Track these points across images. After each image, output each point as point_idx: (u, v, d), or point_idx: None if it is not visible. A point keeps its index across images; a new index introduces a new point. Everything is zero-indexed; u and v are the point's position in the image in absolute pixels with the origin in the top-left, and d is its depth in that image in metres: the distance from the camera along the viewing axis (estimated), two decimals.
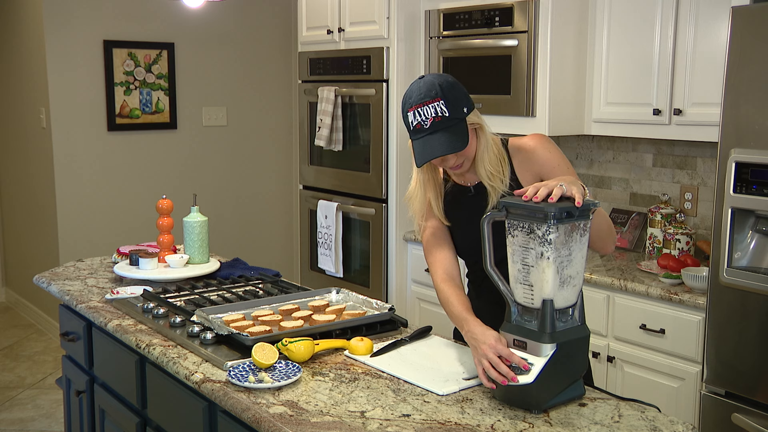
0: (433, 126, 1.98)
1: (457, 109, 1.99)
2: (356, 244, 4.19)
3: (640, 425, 1.67)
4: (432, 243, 2.22)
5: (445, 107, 1.98)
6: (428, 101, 1.98)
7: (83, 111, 4.95)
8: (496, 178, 2.07)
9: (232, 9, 5.35)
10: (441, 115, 1.97)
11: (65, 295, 2.71)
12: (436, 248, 2.21)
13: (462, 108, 2.00)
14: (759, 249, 2.54)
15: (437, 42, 3.81)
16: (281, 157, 5.76)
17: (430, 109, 1.98)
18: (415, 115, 2.00)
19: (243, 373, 1.89)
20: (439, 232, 2.22)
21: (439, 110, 1.97)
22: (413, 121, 2.01)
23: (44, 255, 5.30)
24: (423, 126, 1.99)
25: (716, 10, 2.92)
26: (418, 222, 2.24)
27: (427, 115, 1.99)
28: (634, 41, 3.21)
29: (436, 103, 1.98)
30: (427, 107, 1.98)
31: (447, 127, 1.98)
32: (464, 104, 2.01)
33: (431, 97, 1.98)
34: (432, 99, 1.98)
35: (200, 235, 2.91)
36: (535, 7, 3.34)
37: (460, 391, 1.84)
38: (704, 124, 2.98)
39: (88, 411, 2.73)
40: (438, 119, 1.97)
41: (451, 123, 1.98)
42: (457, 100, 2.00)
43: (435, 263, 2.21)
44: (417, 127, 2.00)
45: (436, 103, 1.98)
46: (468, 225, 2.14)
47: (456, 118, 1.99)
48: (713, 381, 2.64)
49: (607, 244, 2.07)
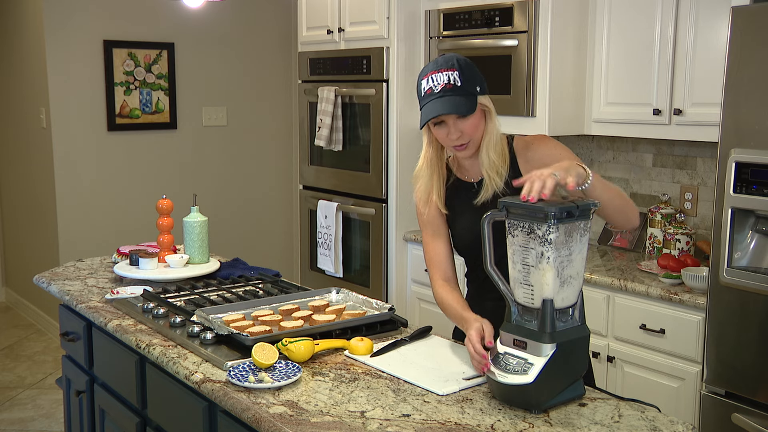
0: (443, 91, 2.00)
1: (471, 84, 2.01)
2: (356, 244, 4.19)
3: (640, 425, 1.67)
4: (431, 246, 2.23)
5: (459, 78, 2.00)
6: (443, 69, 2.01)
7: (83, 111, 4.96)
8: (495, 170, 2.07)
9: (232, 9, 5.35)
10: (453, 83, 1.99)
11: (65, 295, 2.71)
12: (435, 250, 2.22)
13: (475, 85, 2.02)
14: (759, 249, 2.54)
15: (437, 42, 3.81)
16: (281, 157, 5.76)
17: (444, 76, 2.00)
18: (428, 81, 2.02)
19: (243, 373, 1.89)
20: (438, 230, 2.22)
21: (452, 79, 1.99)
22: (425, 87, 2.02)
23: (44, 255, 5.30)
24: (433, 91, 2.01)
25: (716, 10, 2.92)
26: (420, 208, 2.24)
27: (439, 81, 2.00)
28: (634, 41, 3.21)
29: (450, 72, 2.00)
30: (441, 74, 2.00)
31: (456, 95, 1.99)
32: (478, 83, 2.03)
33: (447, 67, 2.01)
34: (447, 68, 2.00)
35: (200, 235, 2.90)
36: (535, 7, 3.34)
37: (460, 391, 1.84)
38: (704, 124, 2.98)
39: (88, 411, 2.72)
40: (449, 86, 1.99)
41: (461, 93, 1.99)
42: (471, 77, 2.02)
43: (433, 267, 2.23)
44: (428, 92, 2.02)
45: (451, 72, 2.00)
46: (468, 221, 2.14)
47: (468, 91, 2.00)
48: (713, 381, 2.64)
49: (630, 217, 2.03)
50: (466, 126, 2.04)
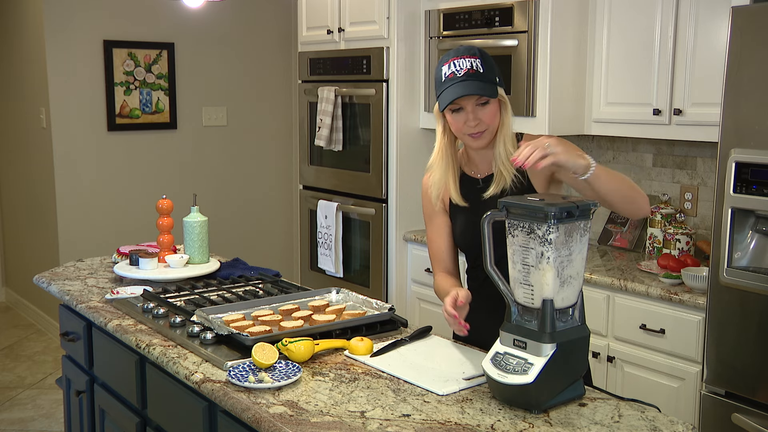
0: (466, 75, 2.00)
1: (491, 72, 2.03)
2: (356, 244, 4.19)
3: (640, 425, 1.67)
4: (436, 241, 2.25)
5: (481, 65, 2.01)
6: (465, 56, 2.02)
7: (83, 111, 4.96)
8: (507, 164, 2.08)
9: (232, 9, 5.35)
10: (476, 69, 2.00)
11: (65, 295, 2.71)
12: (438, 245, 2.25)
13: (495, 76, 2.04)
14: (759, 249, 2.54)
15: (437, 42, 3.81)
16: (281, 157, 5.76)
17: (466, 62, 2.01)
18: (450, 66, 2.02)
19: (243, 373, 1.89)
20: (443, 224, 2.24)
21: (474, 65, 2.01)
22: (446, 72, 2.03)
23: (44, 255, 5.30)
24: (456, 75, 2.01)
25: (716, 10, 2.92)
26: (431, 199, 2.25)
27: (461, 66, 2.01)
28: (634, 41, 3.21)
29: (472, 59, 2.01)
30: (464, 60, 2.01)
31: (479, 80, 2.00)
32: (498, 74, 2.05)
33: (469, 54, 2.02)
34: (469, 55, 2.02)
35: (200, 235, 2.90)
36: (535, 7, 3.34)
37: (460, 391, 1.84)
38: (704, 124, 2.98)
39: (88, 411, 2.72)
40: (472, 71, 2.00)
41: (483, 79, 2.01)
42: (492, 67, 2.04)
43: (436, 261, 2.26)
44: (449, 76, 2.02)
45: (473, 59, 2.01)
46: (472, 217, 2.14)
47: (489, 78, 2.02)
48: (713, 381, 2.64)
49: (640, 205, 2.02)
50: (485, 114, 2.05)
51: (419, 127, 3.98)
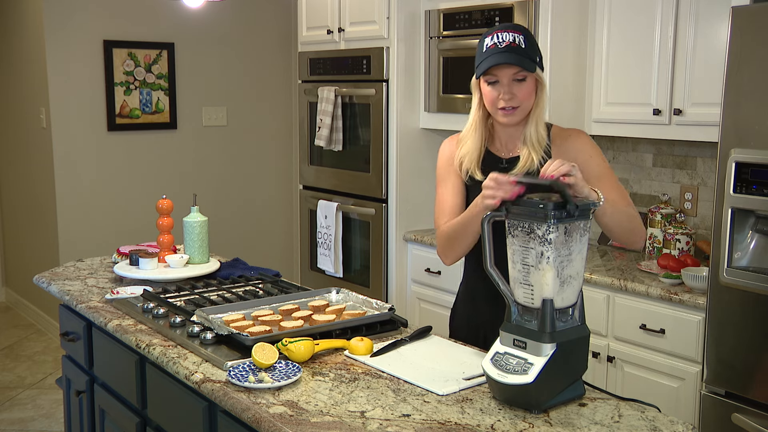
0: (507, 48, 2.00)
1: (533, 51, 2.03)
2: (356, 244, 4.19)
3: (640, 425, 1.67)
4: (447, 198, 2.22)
5: (524, 41, 2.01)
6: (509, 30, 2.02)
7: (83, 111, 4.96)
8: (537, 146, 2.08)
9: (232, 9, 5.35)
10: (518, 44, 2.00)
11: (65, 295, 2.71)
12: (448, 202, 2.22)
13: (536, 56, 2.05)
14: (759, 249, 2.54)
15: (437, 42, 3.81)
16: (281, 157, 5.76)
17: (509, 35, 2.01)
18: (492, 38, 2.02)
19: (243, 373, 1.89)
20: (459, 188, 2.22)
21: (518, 40, 2.01)
22: (488, 44, 2.03)
23: (44, 255, 5.30)
24: (498, 46, 2.01)
25: (716, 10, 2.92)
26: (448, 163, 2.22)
27: (504, 39, 2.01)
28: (634, 41, 3.21)
29: (516, 34, 2.02)
30: (507, 33, 2.01)
31: (520, 55, 2.00)
32: (539, 54, 2.06)
33: (514, 29, 2.02)
34: (514, 30, 2.02)
35: (200, 235, 2.90)
36: (535, 7, 3.34)
37: (460, 391, 1.84)
38: (704, 124, 2.98)
39: (88, 411, 2.73)
40: (513, 45, 2.00)
41: (524, 54, 2.00)
42: (534, 46, 2.04)
43: (441, 214, 2.22)
44: (491, 47, 2.02)
45: (517, 34, 2.02)
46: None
47: (530, 56, 2.02)
48: (713, 381, 2.64)
49: (635, 239, 2.10)
50: (520, 90, 2.04)
51: (419, 127, 3.98)
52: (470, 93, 2.16)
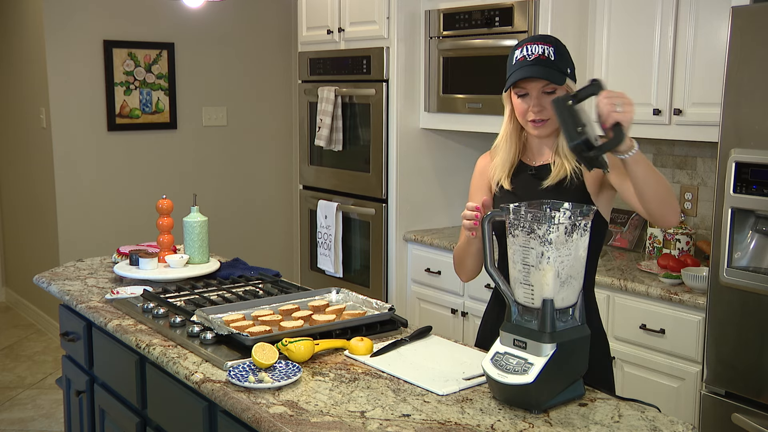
0: (536, 60, 1.99)
1: (563, 62, 2.02)
2: (356, 244, 4.19)
3: (640, 425, 1.67)
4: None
5: (554, 53, 2.00)
6: (539, 42, 2.02)
7: (83, 111, 4.96)
8: (570, 156, 2.05)
9: (232, 9, 5.35)
10: (547, 56, 2.00)
11: (65, 295, 2.71)
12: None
13: (567, 67, 2.03)
14: (759, 249, 2.54)
15: (437, 42, 3.81)
16: (281, 157, 5.76)
17: (538, 48, 2.00)
18: (522, 51, 2.02)
19: (243, 373, 1.89)
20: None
21: (547, 52, 2.00)
22: (518, 56, 2.02)
23: (44, 255, 5.30)
24: (526, 59, 2.01)
25: (716, 10, 2.92)
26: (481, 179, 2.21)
27: (533, 51, 2.00)
28: (633, 41, 3.21)
29: (545, 46, 2.01)
30: (537, 46, 2.01)
31: (548, 67, 1.99)
32: (570, 66, 2.04)
33: (544, 41, 2.02)
34: (543, 42, 2.01)
35: (200, 235, 2.90)
36: (535, 7, 3.34)
37: (460, 391, 1.84)
38: (704, 124, 2.98)
39: (88, 411, 2.72)
40: (543, 57, 1.99)
41: (553, 66, 1.99)
42: (565, 58, 2.03)
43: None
44: (520, 59, 2.02)
45: (546, 46, 2.01)
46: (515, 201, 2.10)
47: (560, 68, 2.00)
48: (713, 381, 2.64)
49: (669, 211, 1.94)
50: (549, 102, 2.01)
51: (419, 127, 3.98)
52: (470, 93, 2.17)
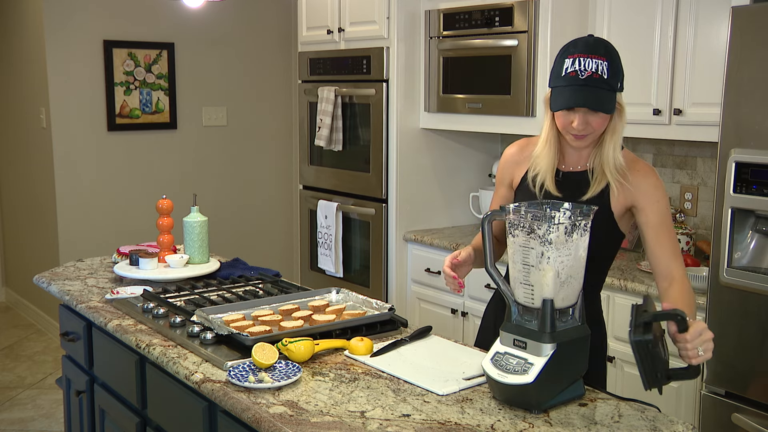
0: (587, 80, 1.91)
1: (615, 78, 1.95)
2: (356, 244, 4.19)
3: (640, 425, 1.67)
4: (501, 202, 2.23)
5: (607, 70, 1.92)
6: (593, 56, 1.92)
7: (83, 111, 4.96)
8: (614, 171, 2.00)
9: (232, 9, 5.35)
10: (600, 74, 1.91)
11: (65, 295, 2.71)
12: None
13: (618, 81, 1.96)
14: (759, 249, 2.54)
15: (437, 42, 3.81)
16: (281, 157, 5.76)
17: (593, 63, 1.92)
18: (574, 63, 1.92)
19: (243, 373, 1.89)
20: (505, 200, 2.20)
21: (600, 69, 1.92)
22: (568, 68, 1.93)
23: (44, 255, 5.30)
24: (578, 76, 1.91)
25: (716, 10, 2.92)
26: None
27: (586, 68, 1.92)
28: (633, 41, 3.21)
29: (600, 61, 1.92)
30: (590, 60, 1.92)
31: (600, 88, 1.92)
32: (621, 79, 1.98)
33: (597, 54, 1.92)
34: (598, 56, 1.92)
35: (200, 235, 2.91)
36: (534, 7, 3.34)
37: (460, 391, 1.84)
38: (704, 124, 2.98)
39: (88, 411, 2.73)
40: (596, 76, 1.91)
41: (605, 87, 1.92)
42: (617, 71, 1.96)
43: None
44: (571, 74, 1.92)
45: (600, 61, 1.92)
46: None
47: (611, 86, 1.93)
48: (713, 381, 2.64)
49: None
50: (595, 120, 1.96)
51: (419, 127, 3.98)
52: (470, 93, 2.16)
